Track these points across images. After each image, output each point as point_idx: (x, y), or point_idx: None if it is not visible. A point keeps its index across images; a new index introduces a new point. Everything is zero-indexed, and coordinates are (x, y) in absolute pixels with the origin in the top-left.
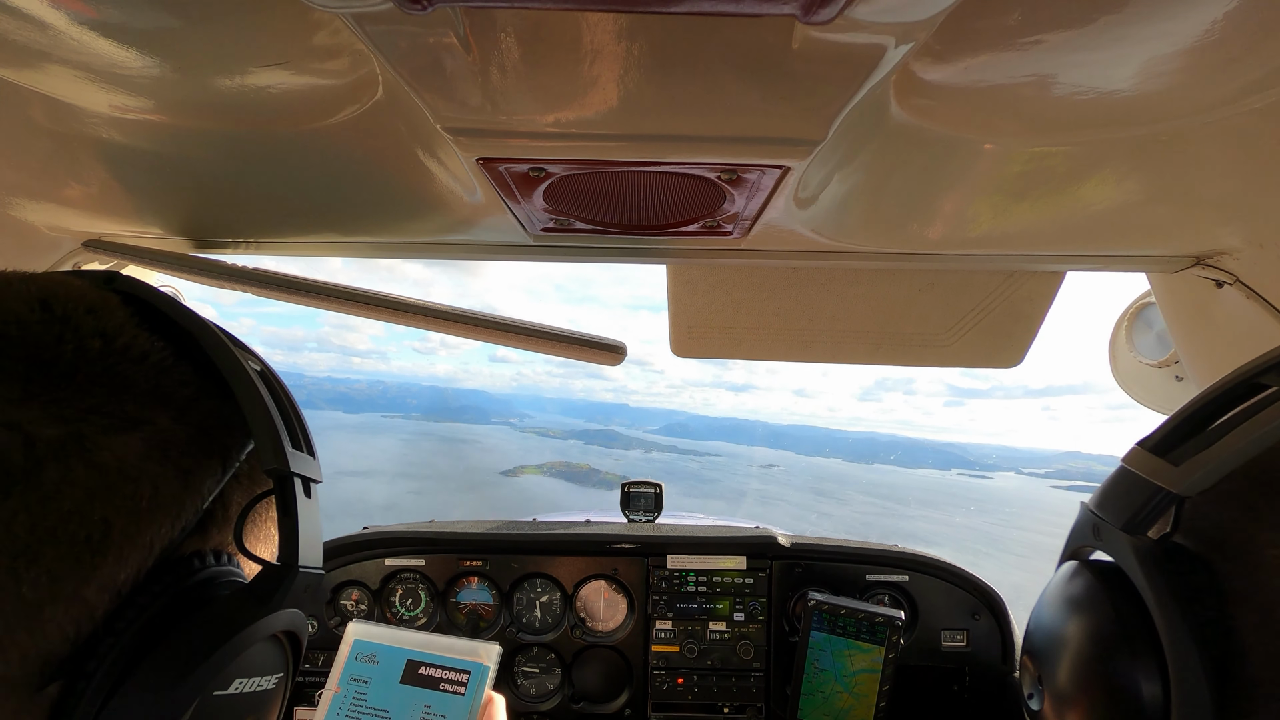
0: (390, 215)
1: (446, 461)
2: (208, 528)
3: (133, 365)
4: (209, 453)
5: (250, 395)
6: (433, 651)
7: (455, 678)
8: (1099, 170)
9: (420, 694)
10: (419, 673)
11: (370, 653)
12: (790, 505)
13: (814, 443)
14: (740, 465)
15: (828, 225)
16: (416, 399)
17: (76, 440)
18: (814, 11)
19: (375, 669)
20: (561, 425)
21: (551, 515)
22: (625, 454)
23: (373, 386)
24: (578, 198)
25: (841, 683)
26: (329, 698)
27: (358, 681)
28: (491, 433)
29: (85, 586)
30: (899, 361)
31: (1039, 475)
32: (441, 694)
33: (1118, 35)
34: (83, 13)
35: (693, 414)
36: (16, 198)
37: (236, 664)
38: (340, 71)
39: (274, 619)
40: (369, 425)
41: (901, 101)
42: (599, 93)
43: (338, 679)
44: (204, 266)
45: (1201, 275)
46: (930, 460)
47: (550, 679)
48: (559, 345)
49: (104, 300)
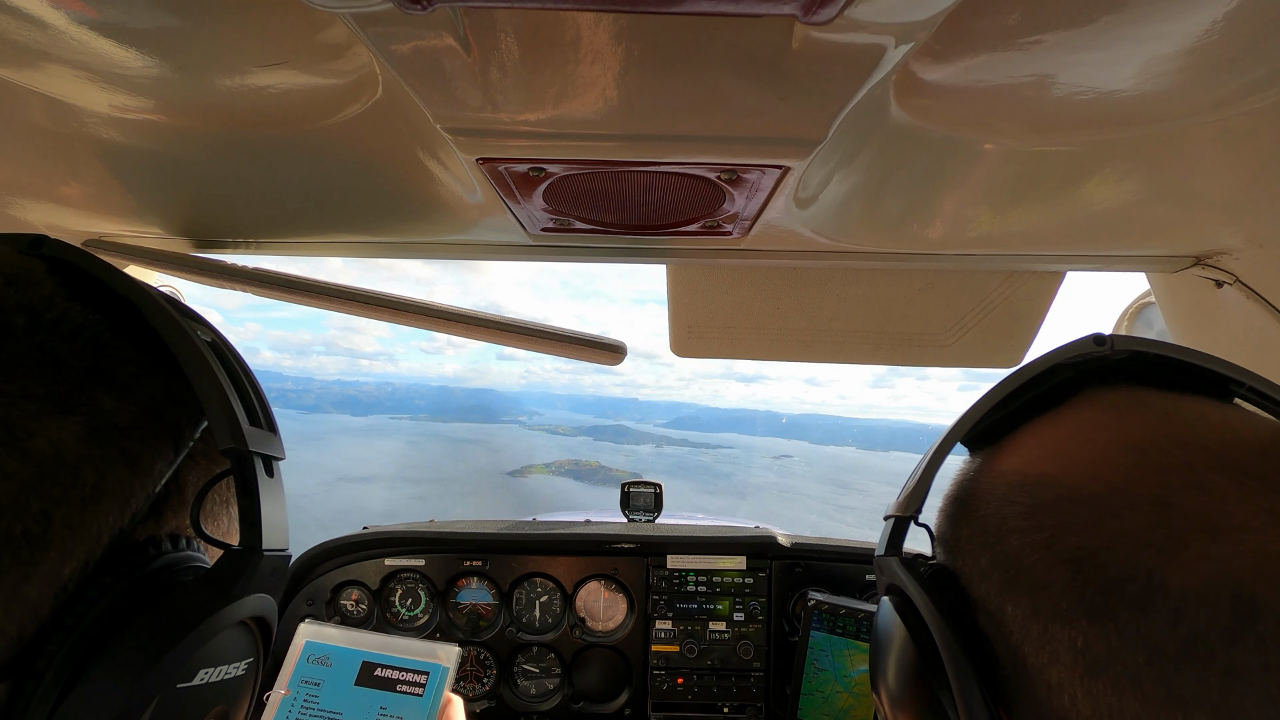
0: (390, 215)
1: (451, 463)
2: (162, 513)
3: (65, 342)
4: (157, 434)
5: (200, 369)
6: (389, 653)
7: (413, 679)
8: (1099, 170)
9: (376, 695)
10: (375, 674)
11: (323, 654)
12: (811, 500)
13: (827, 431)
14: (754, 457)
15: (828, 225)
16: (424, 399)
17: (4, 428)
18: (814, 11)
19: (328, 671)
20: (570, 422)
21: (551, 515)
22: (636, 449)
23: (381, 388)
24: (578, 198)
25: (841, 683)
26: (276, 700)
27: (309, 684)
28: (500, 432)
29: (26, 584)
30: (899, 361)
31: None
32: (398, 695)
33: (1118, 35)
34: (83, 13)
35: (703, 406)
36: (16, 198)
37: (200, 654)
38: (340, 71)
39: (239, 606)
40: (375, 428)
41: (901, 101)
42: (599, 93)
43: (287, 680)
44: (204, 266)
45: (1201, 275)
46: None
47: (550, 679)
48: (559, 345)
49: (28, 269)
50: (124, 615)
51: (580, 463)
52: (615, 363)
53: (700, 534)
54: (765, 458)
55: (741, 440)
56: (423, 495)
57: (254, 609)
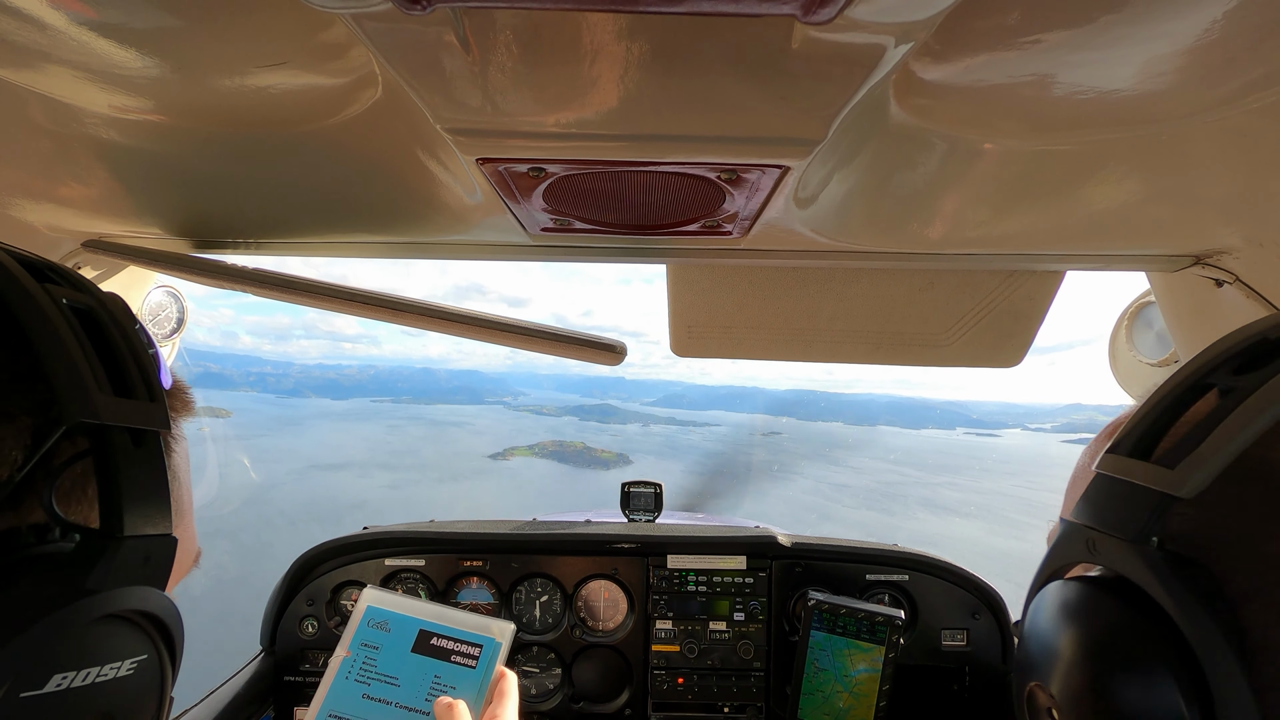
0: (390, 215)
1: (431, 447)
2: (24, 501)
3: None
4: (6, 414)
5: (44, 335)
6: (446, 624)
7: (468, 650)
8: (1099, 170)
9: (431, 664)
10: (431, 643)
11: (383, 619)
12: (804, 479)
13: (814, 407)
14: (743, 435)
15: (827, 225)
16: (407, 382)
17: None
18: (814, 11)
19: (387, 636)
20: (556, 402)
21: (551, 515)
22: (623, 428)
23: (363, 371)
24: (577, 197)
25: (841, 682)
26: (339, 661)
27: (368, 647)
28: (483, 413)
29: None
30: (899, 361)
31: (1045, 430)
32: (452, 665)
33: (1118, 35)
34: (83, 13)
35: (690, 384)
36: (16, 198)
37: (47, 657)
38: (340, 71)
39: (99, 600)
40: (355, 411)
41: (901, 101)
42: (598, 92)
43: (348, 643)
44: (204, 266)
45: (1201, 274)
46: (934, 419)
47: (550, 679)
48: (558, 345)
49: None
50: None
51: (564, 444)
52: (614, 363)
53: (700, 534)
54: (755, 435)
55: (730, 417)
56: (396, 484)
57: (125, 603)
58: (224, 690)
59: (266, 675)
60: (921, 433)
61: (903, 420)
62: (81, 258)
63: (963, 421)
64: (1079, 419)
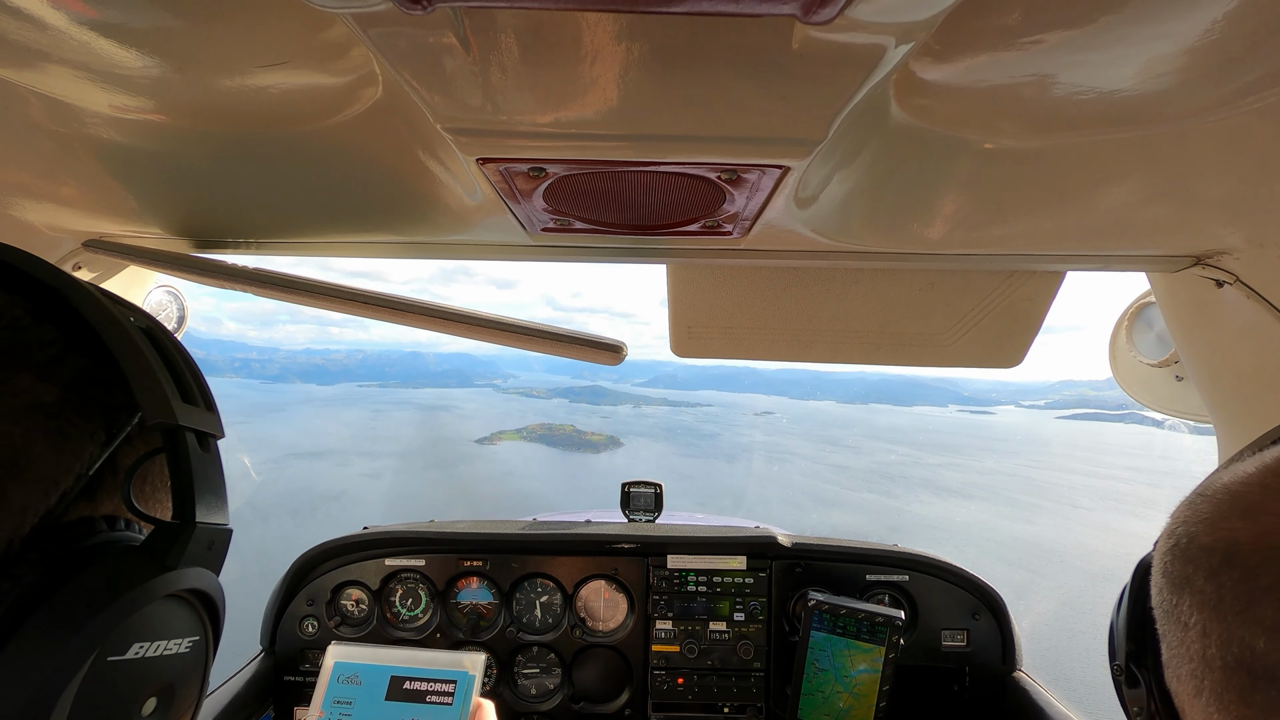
0: (390, 215)
1: (417, 433)
2: (97, 494)
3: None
4: (85, 414)
5: (126, 348)
6: (416, 665)
7: (441, 688)
8: (1099, 170)
9: (408, 709)
10: (404, 687)
11: (352, 673)
12: (801, 459)
13: (806, 386)
14: (736, 415)
15: (828, 225)
16: (396, 366)
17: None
18: (814, 11)
19: (359, 689)
20: (546, 384)
21: (552, 515)
22: (614, 410)
23: (351, 355)
24: (578, 198)
25: (841, 683)
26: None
27: (341, 704)
28: (473, 396)
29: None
30: (899, 361)
31: (1039, 407)
32: (429, 706)
33: (1118, 35)
34: (83, 13)
35: (681, 364)
36: (16, 198)
37: (131, 626)
38: (340, 71)
39: (172, 577)
40: (341, 397)
41: (901, 101)
42: (599, 92)
43: (320, 704)
44: (204, 266)
45: (1202, 275)
46: (926, 397)
47: (550, 679)
48: (558, 345)
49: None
50: (47, 590)
51: (553, 427)
52: (614, 363)
53: (700, 534)
54: (748, 414)
55: (722, 398)
56: (376, 473)
57: (191, 582)
58: (224, 690)
59: (266, 675)
60: (914, 410)
61: (894, 398)
62: (82, 257)
63: (955, 399)
64: (1070, 395)
